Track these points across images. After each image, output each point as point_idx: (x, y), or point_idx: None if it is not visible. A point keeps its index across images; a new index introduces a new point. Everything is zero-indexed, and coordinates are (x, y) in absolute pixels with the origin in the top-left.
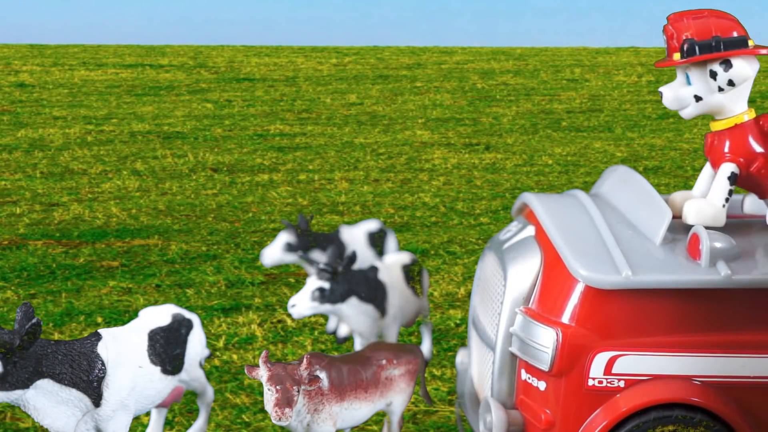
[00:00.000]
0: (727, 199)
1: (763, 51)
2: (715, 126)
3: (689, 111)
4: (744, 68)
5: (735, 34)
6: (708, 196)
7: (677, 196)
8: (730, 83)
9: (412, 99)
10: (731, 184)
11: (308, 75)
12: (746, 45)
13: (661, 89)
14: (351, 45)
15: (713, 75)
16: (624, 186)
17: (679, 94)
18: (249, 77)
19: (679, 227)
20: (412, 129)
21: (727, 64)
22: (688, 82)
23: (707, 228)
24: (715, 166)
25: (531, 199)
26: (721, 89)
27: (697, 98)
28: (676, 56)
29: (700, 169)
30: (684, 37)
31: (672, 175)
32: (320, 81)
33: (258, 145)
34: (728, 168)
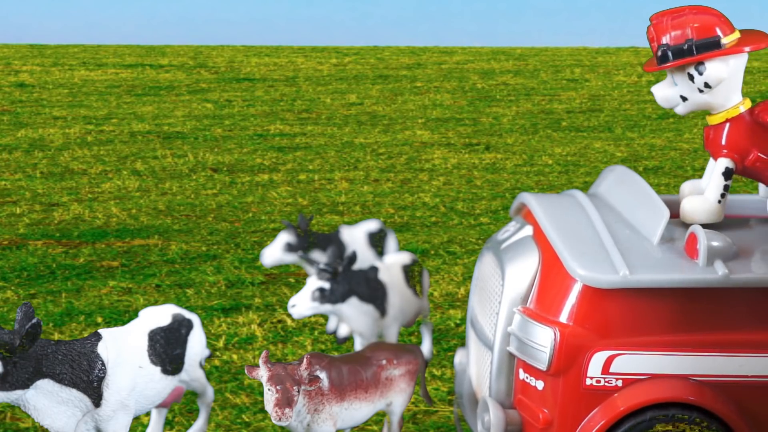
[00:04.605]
0: (723, 195)
1: (734, 52)
2: (711, 120)
3: (680, 109)
4: (718, 70)
5: (718, 31)
6: (705, 193)
7: (686, 186)
8: (707, 85)
9: (412, 99)
10: (726, 180)
11: (308, 75)
12: (719, 46)
13: (652, 89)
14: (351, 45)
15: (691, 78)
16: (622, 186)
17: (667, 94)
18: (249, 77)
19: (677, 226)
20: (412, 129)
21: (701, 67)
22: (675, 83)
23: (704, 226)
24: (714, 159)
25: (529, 199)
26: (701, 90)
27: (683, 98)
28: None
29: (700, 169)
30: (660, 42)
31: (672, 175)
32: (320, 81)
33: (258, 145)
34: (723, 163)
